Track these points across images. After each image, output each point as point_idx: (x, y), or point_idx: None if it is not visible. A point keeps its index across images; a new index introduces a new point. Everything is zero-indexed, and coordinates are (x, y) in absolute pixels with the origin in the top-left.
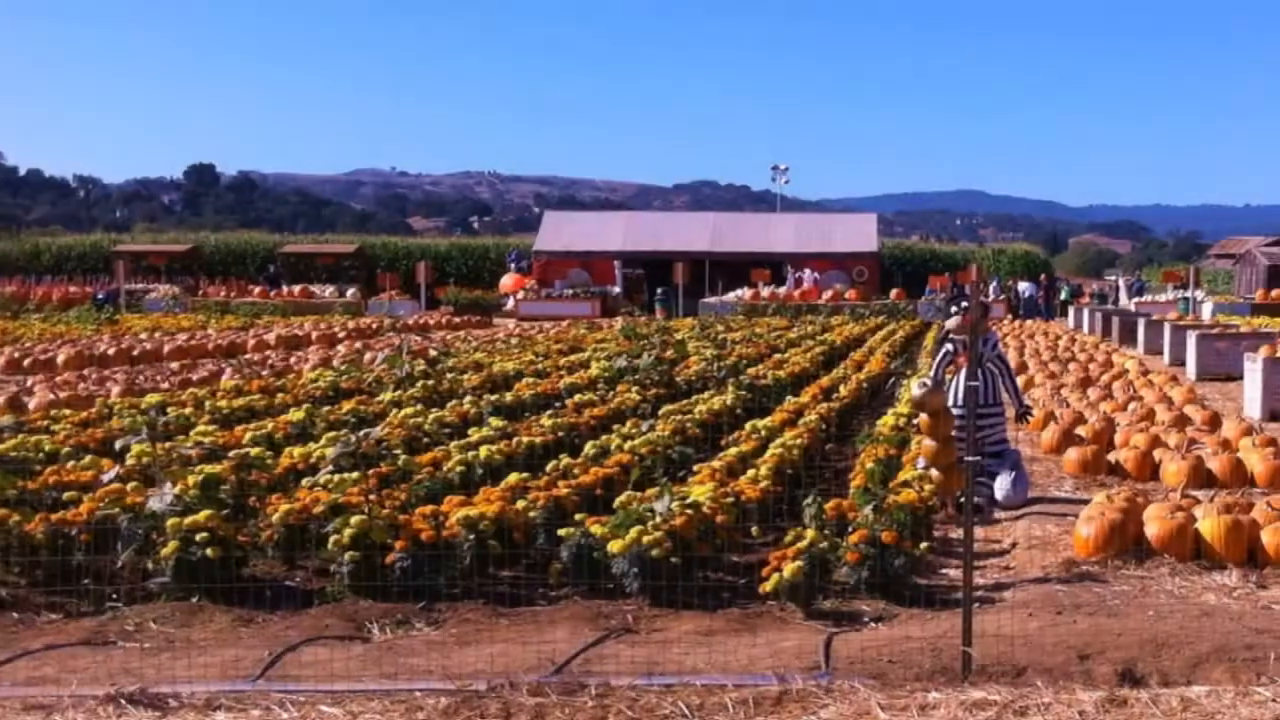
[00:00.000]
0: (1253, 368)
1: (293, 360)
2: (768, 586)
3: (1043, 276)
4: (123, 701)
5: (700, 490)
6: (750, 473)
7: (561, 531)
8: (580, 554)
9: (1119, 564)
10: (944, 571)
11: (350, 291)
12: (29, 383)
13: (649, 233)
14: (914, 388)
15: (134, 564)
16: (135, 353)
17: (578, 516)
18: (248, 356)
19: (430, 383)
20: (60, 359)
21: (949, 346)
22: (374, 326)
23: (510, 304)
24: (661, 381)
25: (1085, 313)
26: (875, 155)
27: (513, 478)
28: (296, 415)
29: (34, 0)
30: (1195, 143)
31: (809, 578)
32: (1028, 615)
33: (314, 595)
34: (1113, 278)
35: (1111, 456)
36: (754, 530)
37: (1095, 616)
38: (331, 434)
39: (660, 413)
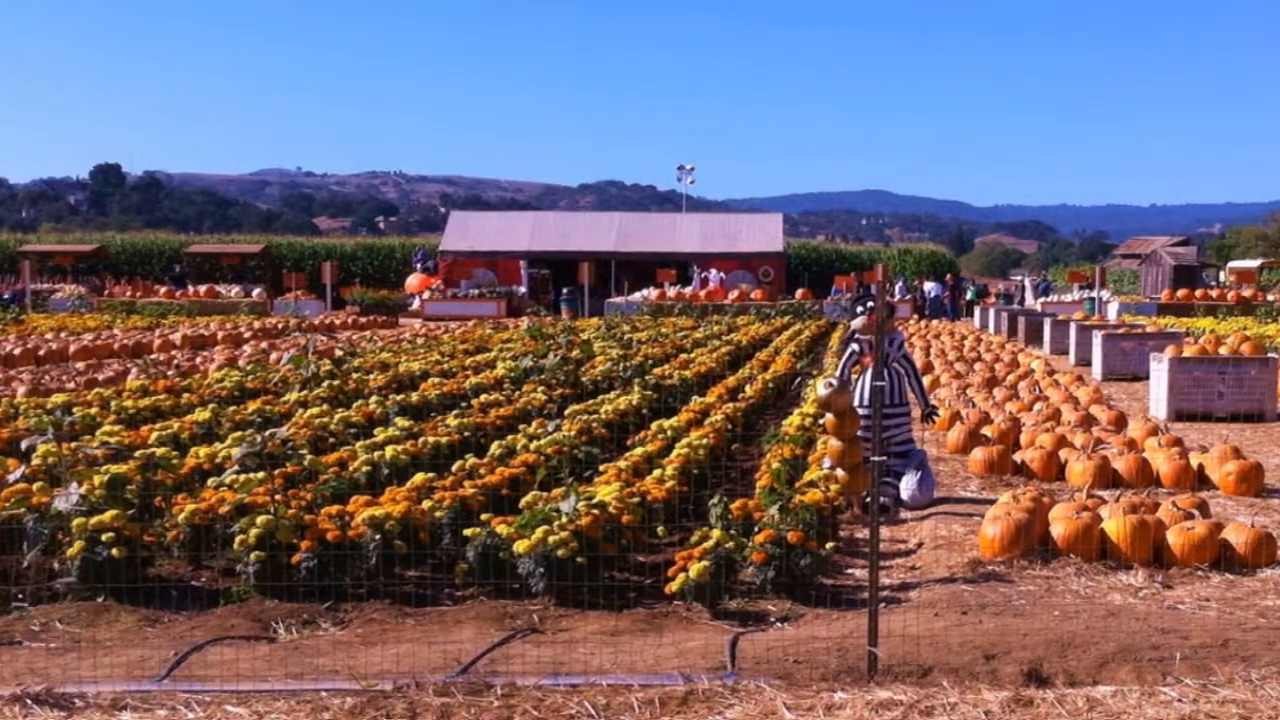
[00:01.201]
0: (1159, 368)
1: (198, 360)
2: (674, 586)
3: (949, 276)
4: (29, 702)
5: (606, 490)
6: (656, 473)
7: (467, 531)
8: (486, 554)
9: (1025, 564)
10: (850, 571)
11: (256, 291)
12: None
13: (555, 233)
14: (820, 388)
15: (40, 564)
16: (41, 353)
17: (484, 516)
18: (154, 356)
19: (336, 383)
20: None
21: (855, 346)
22: (280, 326)
23: (416, 304)
24: (567, 381)
25: (991, 313)
26: (781, 155)
27: (418, 478)
28: (202, 415)
29: None
30: (1101, 143)
31: (715, 578)
32: (934, 615)
33: (220, 595)
34: (1019, 278)
35: (1017, 456)
36: (660, 530)
37: (1001, 616)
38: (237, 434)
39: (566, 413)
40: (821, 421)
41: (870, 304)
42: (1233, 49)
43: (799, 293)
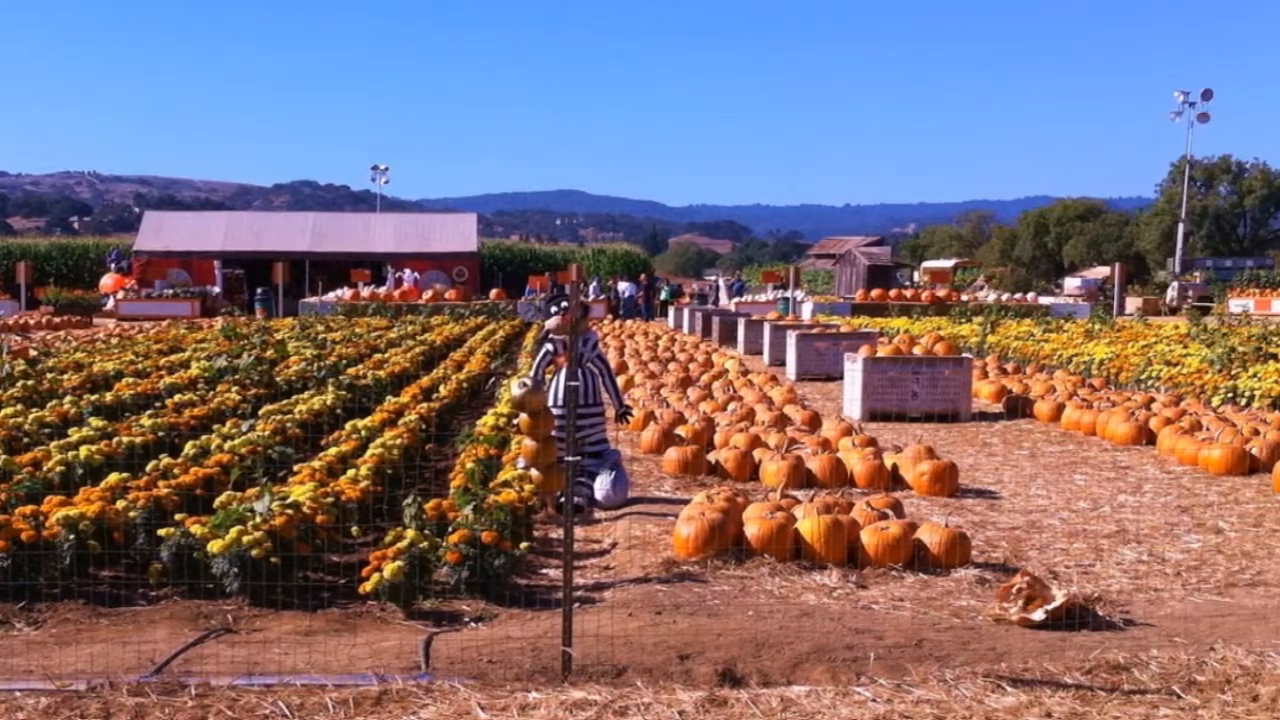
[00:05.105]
0: (853, 368)
1: None
2: (368, 586)
3: (643, 276)
4: None
5: (300, 490)
6: (350, 473)
7: (162, 531)
8: (181, 554)
9: (719, 564)
10: (545, 571)
11: None
12: None
13: (249, 233)
14: (514, 388)
15: None
16: None
17: (178, 516)
18: None
19: (30, 383)
20: None
21: (549, 346)
22: None
23: (111, 304)
24: (262, 381)
25: (685, 313)
26: (475, 156)
27: (113, 478)
28: None
29: None
30: (795, 143)
31: (409, 578)
32: (628, 615)
33: None
34: (713, 278)
35: (712, 456)
36: (354, 530)
37: (695, 616)
38: None
39: (260, 413)
40: (516, 421)
41: (565, 304)
42: (926, 51)
43: (493, 293)
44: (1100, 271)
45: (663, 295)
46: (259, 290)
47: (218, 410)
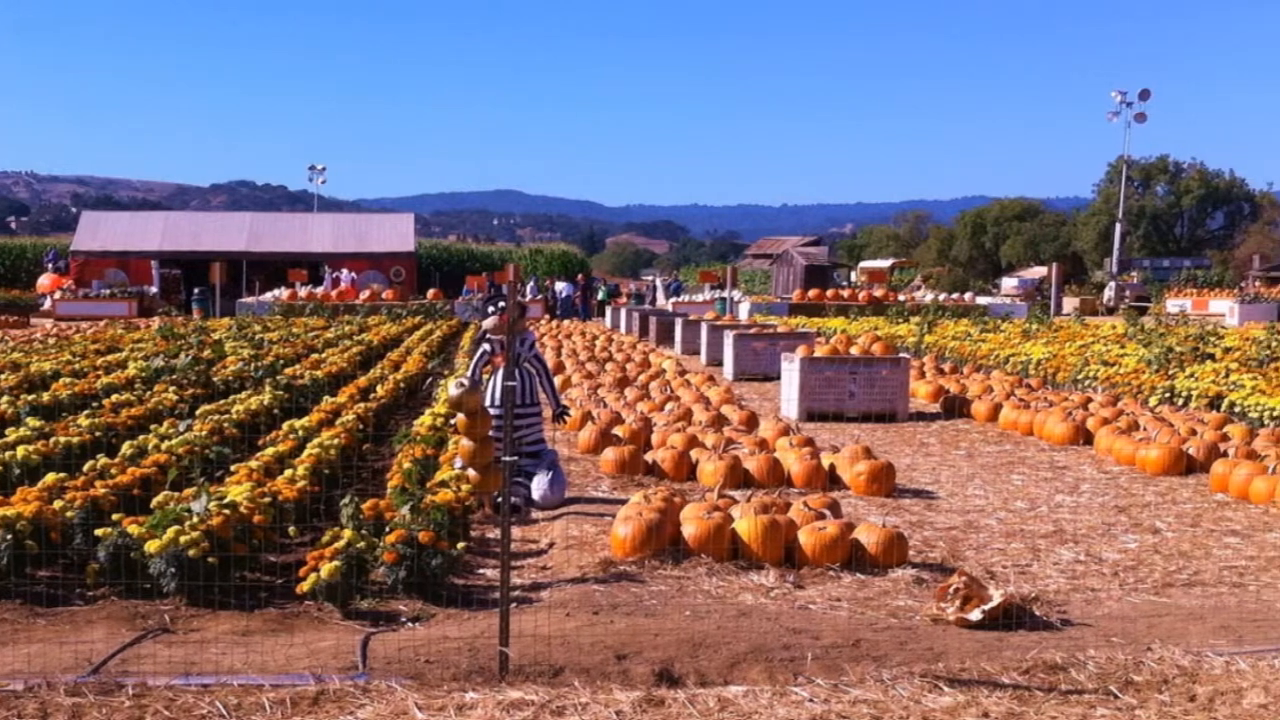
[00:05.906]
0: (790, 368)
1: None
2: (305, 586)
3: (580, 276)
4: None
5: (237, 490)
6: (288, 473)
7: (99, 531)
8: (118, 554)
9: (656, 564)
10: (482, 571)
11: None
12: None
13: (186, 233)
14: (451, 388)
15: None
16: None
17: (115, 516)
18: None
19: None
20: None
21: (486, 346)
22: None
23: (48, 304)
24: (199, 381)
25: (623, 313)
26: (412, 155)
27: (50, 478)
28: None
29: None
30: (733, 143)
31: (346, 578)
32: (565, 615)
33: None
34: (650, 278)
35: (649, 456)
36: (291, 530)
37: (632, 616)
38: None
39: (198, 413)
40: (453, 421)
41: (502, 304)
42: (862, 51)
43: (430, 293)
44: (1037, 271)
45: (600, 295)
46: (196, 290)
47: (155, 410)
